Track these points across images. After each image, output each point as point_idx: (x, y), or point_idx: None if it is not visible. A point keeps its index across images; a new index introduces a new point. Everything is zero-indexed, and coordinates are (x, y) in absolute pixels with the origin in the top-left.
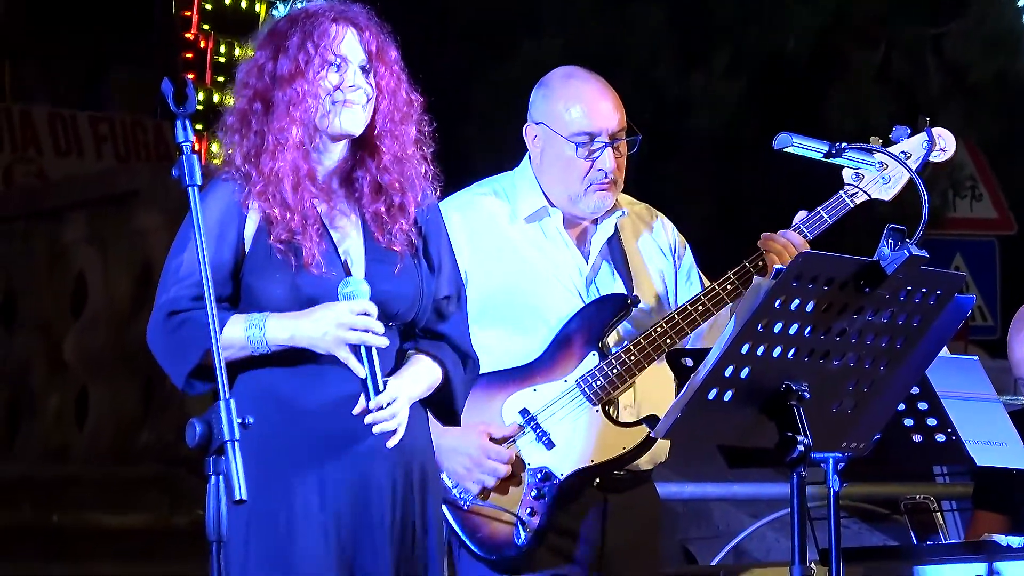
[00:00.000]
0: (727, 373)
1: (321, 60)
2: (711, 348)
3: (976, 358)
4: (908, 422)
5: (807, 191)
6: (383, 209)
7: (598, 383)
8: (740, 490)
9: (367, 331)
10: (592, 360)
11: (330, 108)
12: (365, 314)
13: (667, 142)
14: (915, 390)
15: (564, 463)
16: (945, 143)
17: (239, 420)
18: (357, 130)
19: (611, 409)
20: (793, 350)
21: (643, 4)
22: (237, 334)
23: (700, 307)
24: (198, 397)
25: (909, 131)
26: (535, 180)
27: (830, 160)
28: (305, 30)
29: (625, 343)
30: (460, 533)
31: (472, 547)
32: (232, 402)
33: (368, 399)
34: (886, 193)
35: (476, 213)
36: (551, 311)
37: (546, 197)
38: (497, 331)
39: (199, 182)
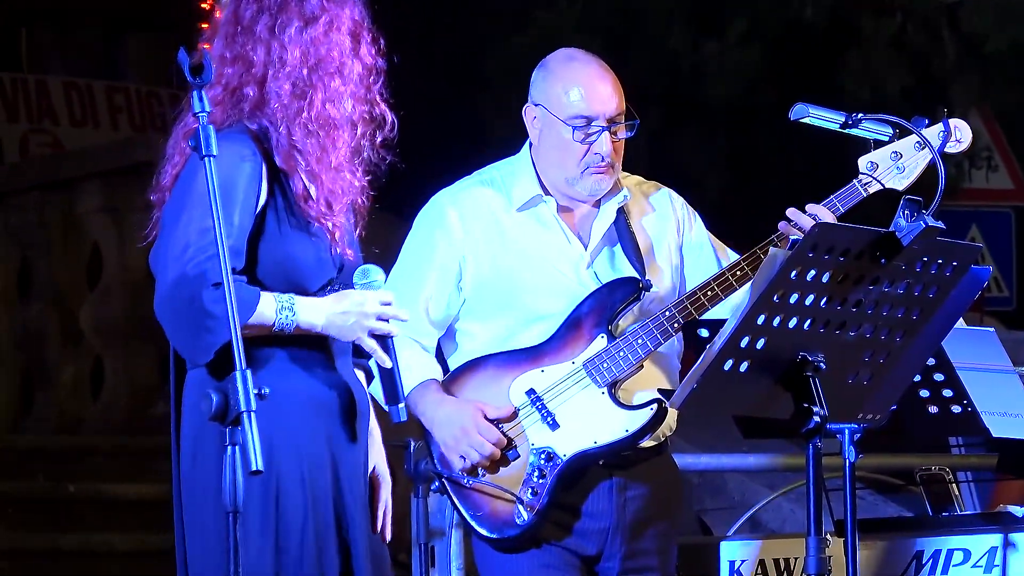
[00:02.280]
0: (743, 344)
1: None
2: (727, 320)
3: (992, 329)
4: (924, 393)
5: (823, 159)
6: (347, 171)
7: (605, 365)
8: (755, 461)
9: (389, 320)
10: (601, 343)
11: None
12: (388, 304)
13: (682, 111)
14: (931, 361)
15: (568, 444)
16: (961, 134)
17: (255, 391)
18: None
19: (617, 391)
20: (809, 321)
21: None
22: (268, 312)
23: (709, 292)
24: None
25: (927, 122)
26: (532, 167)
27: (846, 131)
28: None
29: (634, 326)
30: (463, 510)
31: (474, 525)
32: (248, 373)
33: (393, 389)
34: (900, 183)
35: (470, 205)
36: (546, 299)
37: (541, 184)
38: (493, 321)
39: (215, 152)
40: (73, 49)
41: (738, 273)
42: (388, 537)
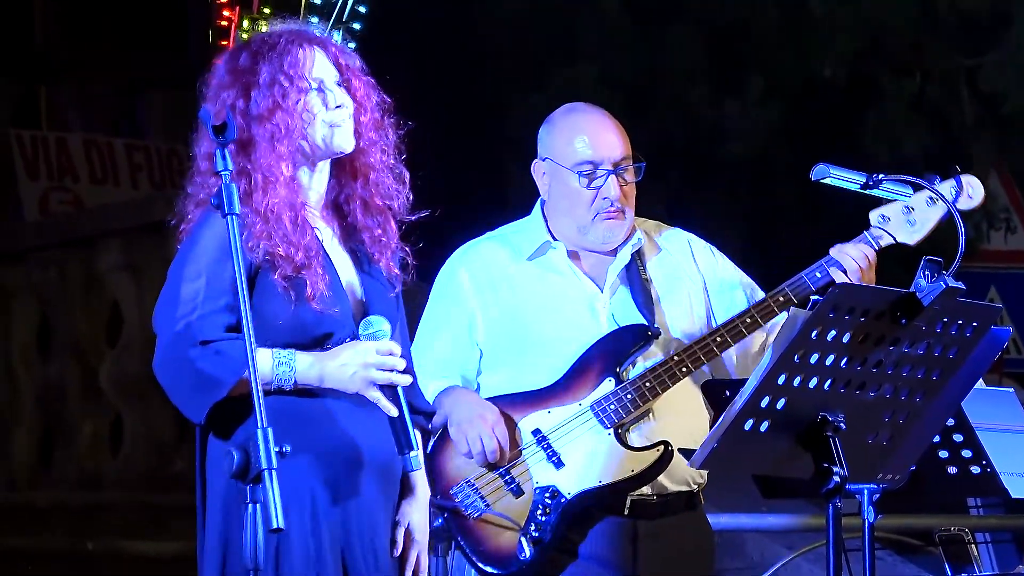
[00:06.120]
0: (763, 404)
1: (299, 89)
2: (747, 379)
3: (1011, 390)
4: (943, 454)
5: (842, 217)
6: (379, 231)
7: (612, 407)
8: (775, 521)
9: (393, 370)
10: (608, 386)
11: (324, 133)
12: (391, 354)
13: (701, 168)
14: (950, 422)
15: (572, 483)
16: (973, 191)
17: (277, 448)
18: (350, 146)
19: (624, 433)
20: (829, 381)
21: (678, 30)
22: (264, 369)
23: (719, 338)
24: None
25: (939, 178)
26: (542, 221)
27: (867, 191)
28: (273, 61)
29: (643, 369)
30: (464, 547)
31: (475, 560)
32: (270, 430)
33: (402, 438)
34: (911, 237)
35: (478, 260)
36: (560, 344)
37: (550, 233)
38: (507, 366)
39: (238, 211)
40: (93, 107)
41: (748, 320)
42: None
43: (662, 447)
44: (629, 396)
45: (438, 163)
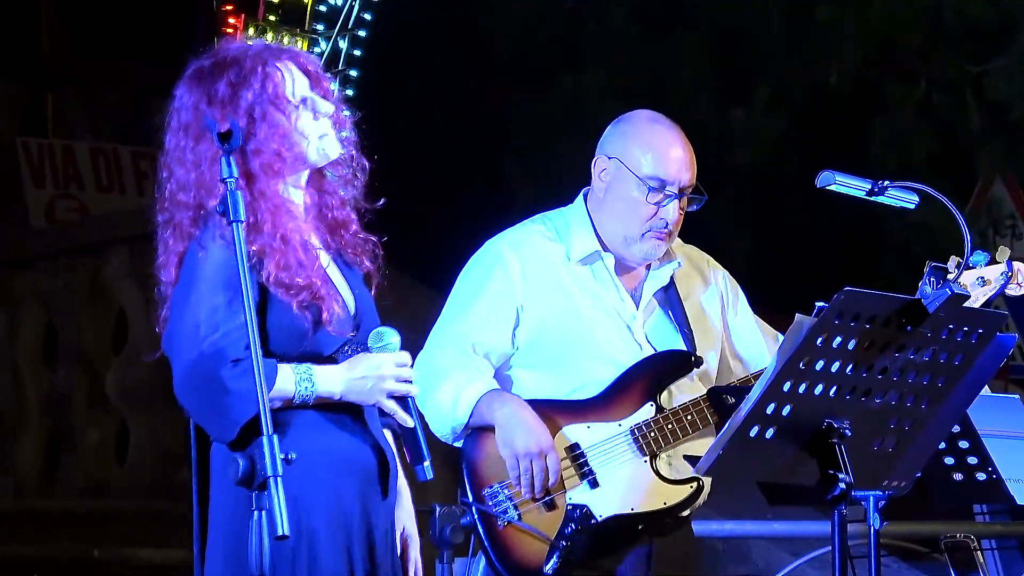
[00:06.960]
0: (769, 411)
1: (287, 114)
2: (753, 386)
3: (1017, 397)
4: (949, 460)
5: (847, 225)
6: (354, 227)
7: (652, 434)
8: (780, 528)
9: (408, 381)
10: (648, 411)
11: (318, 146)
12: (404, 365)
13: (708, 177)
14: (956, 428)
15: (605, 505)
16: (1022, 279)
17: (282, 456)
18: (338, 152)
19: (658, 461)
20: (835, 388)
21: (684, 39)
22: (288, 386)
23: None
24: None
25: (988, 258)
26: (589, 221)
27: (873, 199)
28: (255, 89)
29: (686, 401)
30: (489, 551)
31: (498, 567)
32: (275, 438)
33: (415, 448)
34: None
35: (530, 250)
36: (596, 353)
37: (599, 239)
38: (544, 371)
39: (243, 218)
40: (99, 114)
41: None
42: None
43: (696, 483)
44: (670, 426)
45: (443, 167)
